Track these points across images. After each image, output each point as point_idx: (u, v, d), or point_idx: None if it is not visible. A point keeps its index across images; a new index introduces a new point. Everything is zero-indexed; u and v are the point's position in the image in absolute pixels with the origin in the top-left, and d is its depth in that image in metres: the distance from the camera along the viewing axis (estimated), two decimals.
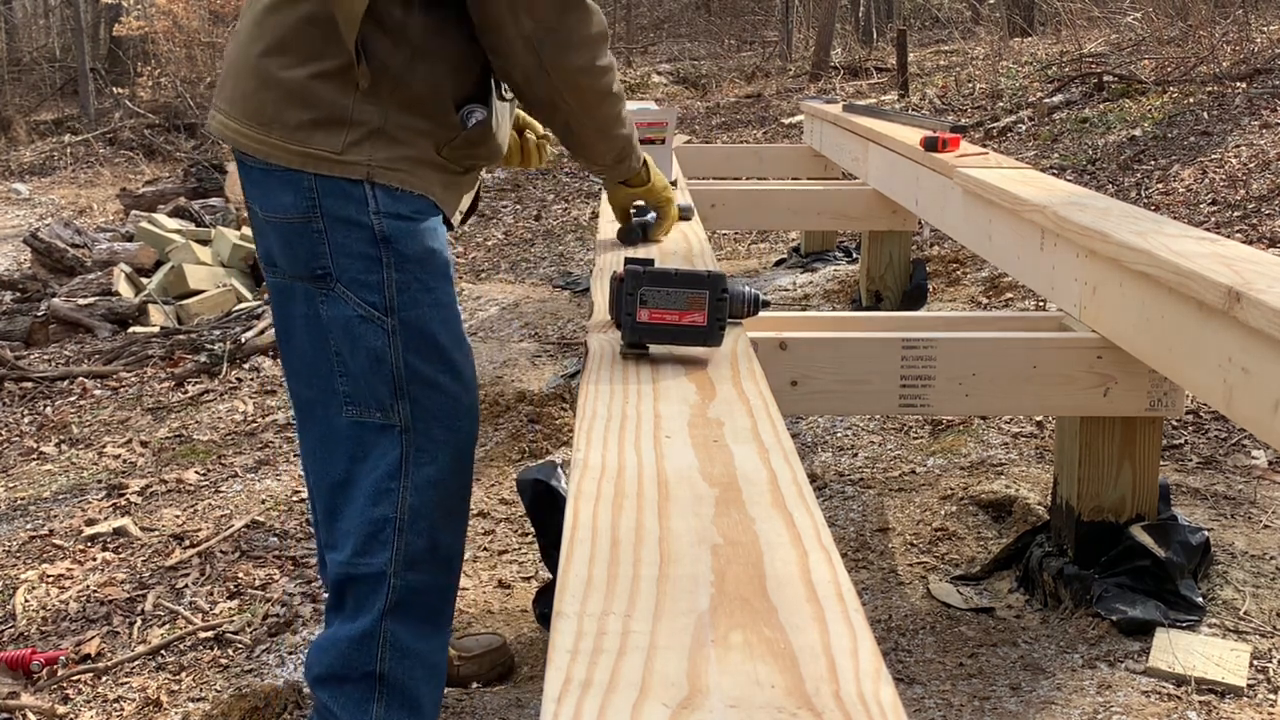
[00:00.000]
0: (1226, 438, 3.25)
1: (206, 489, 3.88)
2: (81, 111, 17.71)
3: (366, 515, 1.92)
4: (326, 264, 1.89)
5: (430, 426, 1.91)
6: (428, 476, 1.92)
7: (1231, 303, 1.76)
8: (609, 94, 2.00)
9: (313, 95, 1.87)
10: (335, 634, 1.98)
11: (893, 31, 13.97)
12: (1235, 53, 8.21)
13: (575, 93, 1.96)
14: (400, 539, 1.92)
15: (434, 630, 2.00)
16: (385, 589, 1.93)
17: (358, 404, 1.92)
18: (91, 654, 2.85)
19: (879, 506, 3.13)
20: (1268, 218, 4.96)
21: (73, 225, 8.20)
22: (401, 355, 1.89)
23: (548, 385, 4.31)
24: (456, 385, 1.95)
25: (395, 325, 1.88)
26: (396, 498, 1.91)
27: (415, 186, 1.90)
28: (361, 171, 1.86)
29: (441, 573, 1.98)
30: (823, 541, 1.12)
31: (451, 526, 1.98)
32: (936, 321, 3.05)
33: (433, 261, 1.91)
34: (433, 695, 2.03)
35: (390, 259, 1.88)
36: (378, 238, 1.87)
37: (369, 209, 1.87)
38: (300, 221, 1.89)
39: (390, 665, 1.95)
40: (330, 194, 1.86)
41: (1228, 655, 2.26)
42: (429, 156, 1.92)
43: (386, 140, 1.87)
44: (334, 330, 1.91)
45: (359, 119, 1.86)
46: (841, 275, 5.47)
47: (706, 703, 0.84)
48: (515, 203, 9.05)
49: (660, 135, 3.05)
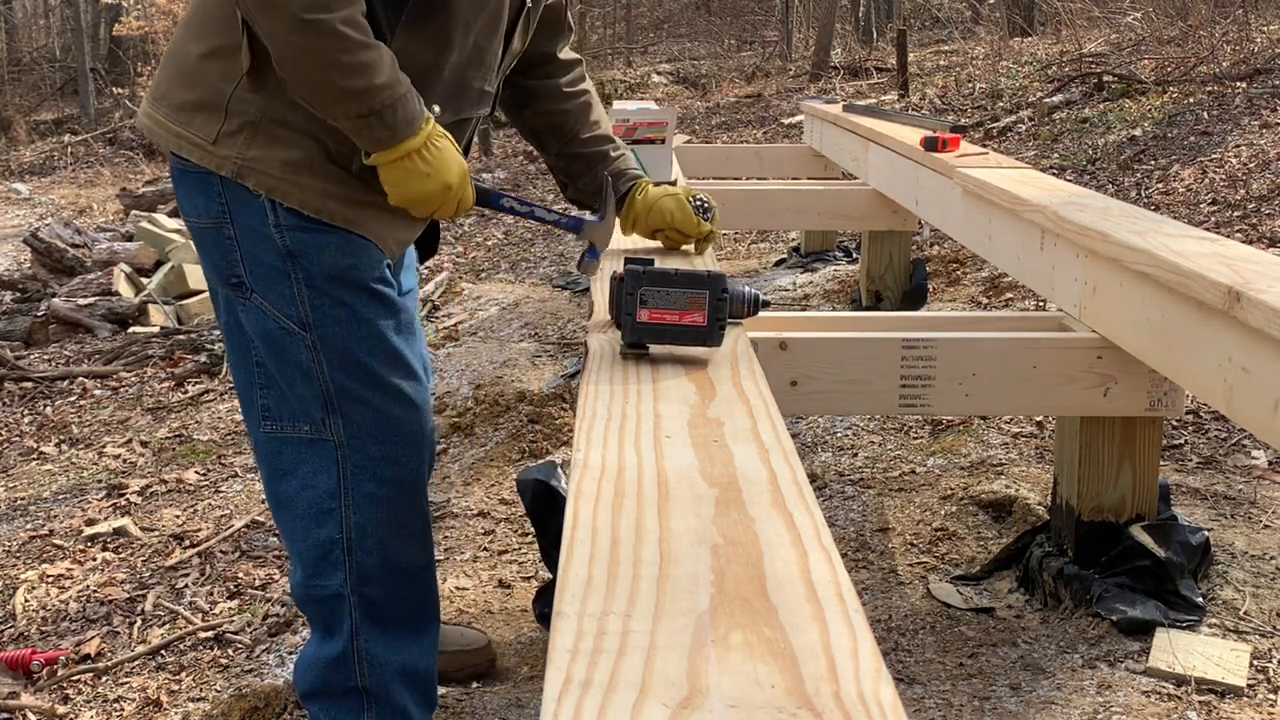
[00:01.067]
0: (1226, 438, 3.25)
1: (206, 489, 3.88)
2: (81, 111, 17.72)
3: (313, 537, 1.86)
4: (241, 273, 1.80)
5: (365, 443, 1.84)
6: (368, 493, 1.85)
7: (1231, 303, 1.76)
8: (300, 17, 1.61)
9: (199, 75, 1.77)
10: (315, 654, 1.95)
11: (893, 31, 13.97)
12: (1235, 53, 8.21)
13: (259, 11, 1.62)
14: (350, 559, 1.86)
15: (413, 638, 1.95)
16: (347, 608, 1.88)
17: (277, 419, 1.85)
18: (91, 654, 2.85)
19: (879, 506, 3.13)
20: (1268, 218, 4.96)
21: (73, 225, 8.20)
22: (327, 371, 1.81)
23: (548, 385, 4.31)
24: (391, 403, 1.86)
25: (315, 341, 1.80)
26: (339, 517, 1.84)
27: (288, 198, 1.75)
28: (228, 166, 1.75)
29: (402, 585, 1.92)
30: (823, 541, 1.12)
31: (407, 541, 1.91)
32: (936, 321, 3.05)
33: (348, 278, 1.79)
34: (422, 698, 1.99)
35: (298, 274, 1.78)
36: (283, 252, 1.77)
37: (269, 220, 1.77)
38: (213, 226, 1.81)
39: (372, 680, 1.91)
40: (237, 200, 1.77)
41: (1228, 655, 2.26)
42: (316, 164, 1.76)
43: (264, 137, 1.75)
44: (256, 341, 1.83)
45: (235, 109, 1.75)
46: (841, 275, 5.47)
47: (706, 703, 0.84)
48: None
49: (660, 135, 3.05)
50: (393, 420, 1.86)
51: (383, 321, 1.84)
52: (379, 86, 1.67)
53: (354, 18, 1.64)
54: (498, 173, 10.43)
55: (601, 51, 19.36)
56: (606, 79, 15.31)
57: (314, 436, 1.84)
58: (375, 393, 1.84)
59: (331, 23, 1.61)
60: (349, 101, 1.67)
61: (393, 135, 1.71)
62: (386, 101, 1.68)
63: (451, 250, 7.63)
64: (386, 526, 1.88)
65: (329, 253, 1.78)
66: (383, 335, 1.84)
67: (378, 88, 1.67)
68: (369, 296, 1.82)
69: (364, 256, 1.81)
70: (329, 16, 1.61)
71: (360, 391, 1.83)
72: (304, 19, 1.60)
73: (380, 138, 1.71)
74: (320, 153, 1.76)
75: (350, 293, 1.80)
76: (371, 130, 1.70)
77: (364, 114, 1.68)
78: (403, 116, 1.71)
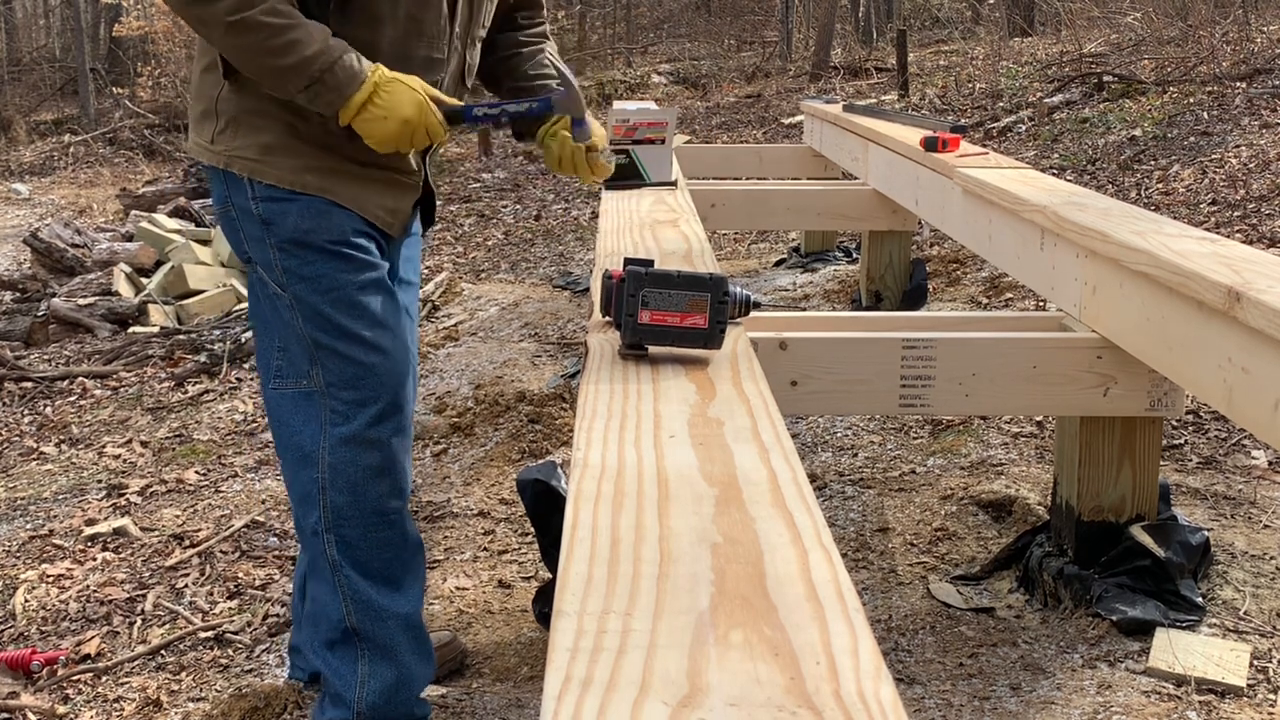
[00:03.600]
0: (1226, 438, 3.25)
1: (206, 489, 3.88)
2: (81, 111, 17.71)
3: (300, 477, 2.10)
4: (245, 249, 2.07)
5: (339, 390, 2.06)
6: (340, 435, 2.06)
7: (1231, 303, 1.76)
8: (226, 21, 1.82)
9: (200, 89, 2.06)
10: (315, 593, 2.16)
11: (893, 31, 13.98)
12: (1235, 53, 8.21)
13: (184, 13, 1.89)
14: (324, 497, 2.08)
15: (393, 589, 2.13)
16: (323, 544, 2.10)
17: (284, 377, 2.08)
18: (91, 654, 2.85)
19: (879, 506, 3.13)
20: (1268, 218, 4.96)
21: (73, 225, 8.20)
22: (303, 326, 2.04)
23: (548, 385, 4.31)
24: (364, 352, 2.05)
25: (291, 299, 2.04)
26: (319, 458, 2.07)
27: (266, 177, 2.00)
28: (222, 160, 2.02)
29: (376, 528, 2.10)
30: (823, 541, 1.12)
31: (378, 484, 2.09)
32: (936, 321, 3.05)
33: (307, 240, 2.01)
34: (416, 650, 2.16)
35: (271, 240, 2.02)
36: (260, 221, 2.02)
37: (248, 195, 2.02)
38: (223, 213, 2.08)
39: (359, 619, 2.11)
40: (232, 186, 2.03)
41: (1228, 655, 2.26)
42: (286, 142, 2.00)
43: (244, 128, 2.01)
44: (265, 308, 2.10)
45: (222, 110, 2.02)
46: (841, 275, 5.47)
47: (707, 701, 0.84)
48: (515, 203, 9.06)
49: (660, 135, 3.06)
50: (361, 367, 2.06)
51: (343, 276, 2.03)
52: (310, 57, 1.86)
53: (274, 7, 1.84)
54: (497, 172, 10.44)
55: (601, 51, 19.35)
56: (606, 79, 15.30)
57: (308, 389, 2.07)
58: (342, 342, 2.04)
59: (254, 16, 1.82)
60: (291, 77, 1.87)
61: (340, 96, 1.90)
62: (323, 67, 1.87)
63: (452, 250, 7.63)
64: (357, 468, 2.07)
65: (291, 218, 2.01)
66: (343, 289, 2.03)
67: (309, 59, 1.86)
68: (329, 255, 2.02)
69: (325, 220, 2.02)
70: (250, 13, 1.82)
71: (329, 342, 2.04)
72: (229, 22, 1.83)
73: (330, 100, 1.90)
74: (290, 133, 2.00)
75: (311, 252, 2.02)
76: (321, 96, 1.89)
77: (308, 84, 1.87)
78: (343, 77, 1.89)
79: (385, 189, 2.09)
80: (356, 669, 2.12)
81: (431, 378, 4.71)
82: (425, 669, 2.19)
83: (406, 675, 2.14)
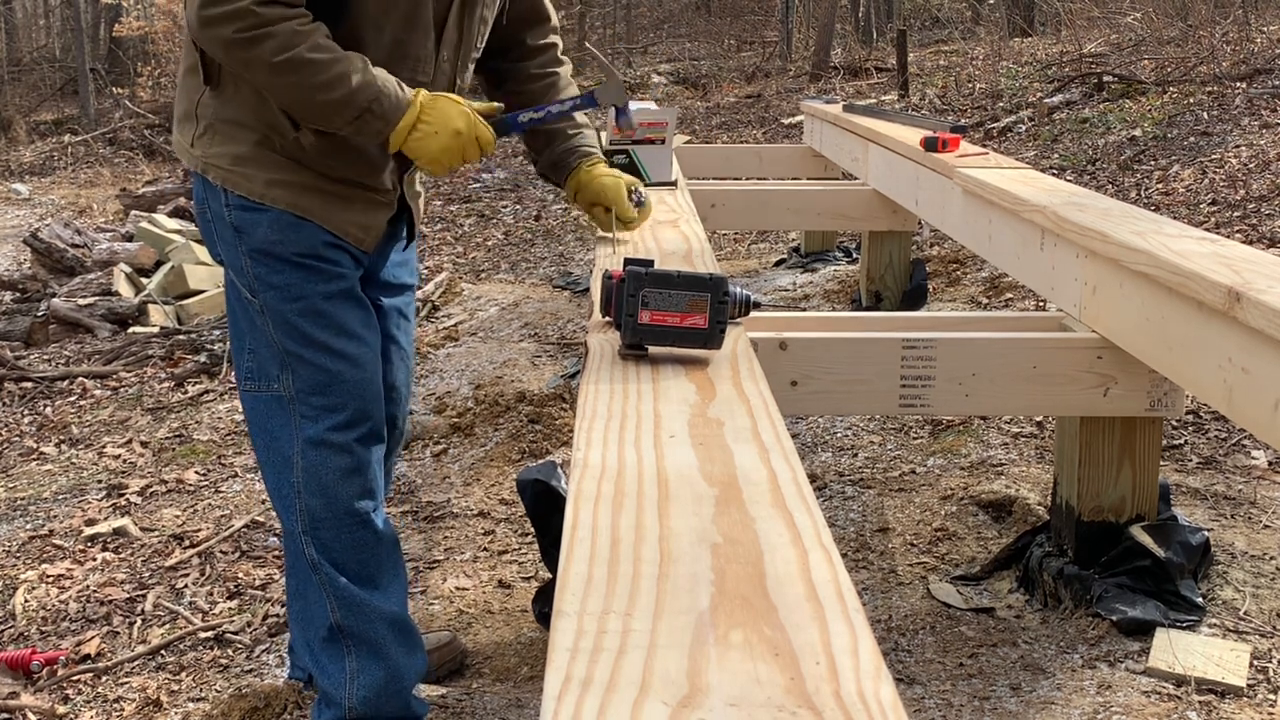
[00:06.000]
0: (1226, 438, 3.25)
1: (206, 489, 3.88)
2: (81, 111, 17.70)
3: (277, 480, 2.13)
4: (218, 251, 2.10)
5: (308, 396, 2.08)
6: (309, 437, 2.08)
7: (1231, 303, 1.76)
8: (271, 62, 1.84)
9: (183, 91, 2.08)
10: (301, 594, 2.18)
11: (893, 31, 13.98)
12: (1235, 53, 8.21)
13: (226, 57, 1.90)
14: (300, 500, 2.11)
15: (373, 589, 2.16)
16: (302, 545, 2.13)
17: (255, 379, 2.11)
18: (91, 654, 2.85)
19: (879, 506, 3.13)
20: (1268, 218, 4.96)
21: (73, 225, 8.20)
22: (273, 333, 2.06)
23: (548, 385, 4.31)
24: (330, 359, 2.07)
25: (261, 306, 2.06)
26: (294, 463, 2.09)
27: (237, 187, 2.02)
28: (199, 164, 2.04)
29: (348, 529, 2.12)
30: (823, 541, 1.12)
31: (349, 486, 2.11)
32: (936, 321, 3.05)
33: (275, 251, 2.03)
34: (403, 644, 2.17)
35: (243, 247, 2.04)
36: (233, 228, 2.04)
37: (222, 201, 2.04)
38: (201, 214, 2.11)
39: (344, 616, 2.13)
40: (209, 190, 2.06)
41: (1228, 655, 2.26)
42: (258, 154, 2.01)
43: (220, 136, 2.02)
44: (237, 311, 2.12)
45: (201, 114, 2.04)
46: (841, 275, 5.47)
47: (707, 701, 0.84)
48: (515, 203, 9.05)
49: (660, 135, 3.05)
50: (328, 374, 2.08)
51: (310, 286, 2.05)
52: (357, 89, 1.88)
53: (317, 43, 1.86)
54: (497, 173, 10.44)
55: (601, 51, 19.35)
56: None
57: (278, 394, 2.09)
58: (309, 350, 2.06)
59: (300, 54, 1.84)
60: (340, 110, 1.89)
61: (387, 124, 1.93)
62: (371, 97, 1.89)
63: (451, 250, 7.63)
64: (328, 470, 2.09)
65: (262, 228, 2.02)
66: (309, 299, 2.05)
67: (356, 90, 1.88)
68: (295, 267, 2.04)
69: (293, 233, 2.03)
70: (296, 51, 1.84)
71: (296, 349, 2.06)
72: (275, 62, 1.84)
73: (379, 129, 1.93)
74: (264, 145, 2.01)
75: (279, 263, 2.04)
76: (369, 125, 1.92)
77: (356, 116, 1.90)
78: (389, 106, 1.92)
79: (357, 206, 2.09)
80: (344, 666, 2.13)
81: (431, 378, 4.71)
82: (414, 663, 2.20)
83: (395, 671, 2.15)
